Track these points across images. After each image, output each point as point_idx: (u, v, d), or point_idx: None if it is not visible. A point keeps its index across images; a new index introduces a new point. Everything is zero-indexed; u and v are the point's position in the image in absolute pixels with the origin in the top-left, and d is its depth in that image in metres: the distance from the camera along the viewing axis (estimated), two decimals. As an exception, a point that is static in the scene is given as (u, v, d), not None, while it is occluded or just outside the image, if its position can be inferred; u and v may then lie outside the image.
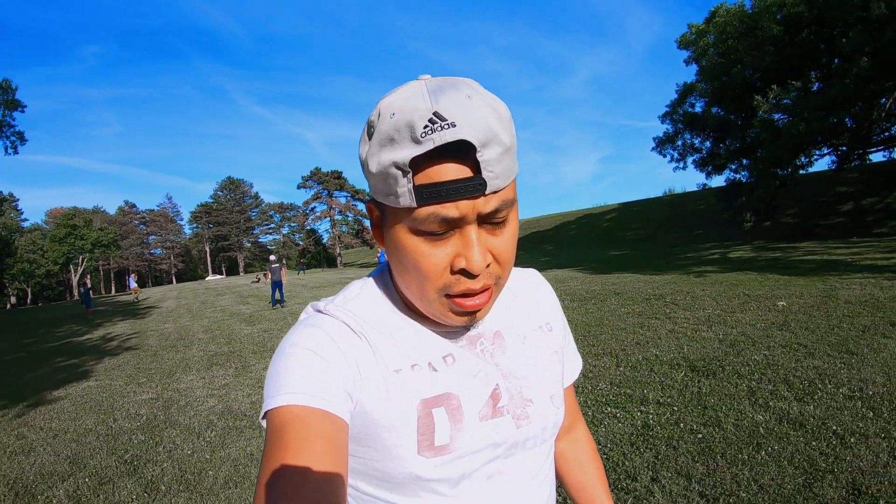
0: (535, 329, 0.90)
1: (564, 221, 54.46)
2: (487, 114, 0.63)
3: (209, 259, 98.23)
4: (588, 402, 5.09)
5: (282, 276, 18.09)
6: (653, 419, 4.50)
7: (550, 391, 0.86)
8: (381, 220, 0.75)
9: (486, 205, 0.65)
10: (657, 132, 31.92)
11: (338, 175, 70.86)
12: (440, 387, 0.75)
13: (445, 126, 0.61)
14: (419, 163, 0.63)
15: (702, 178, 30.12)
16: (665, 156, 30.82)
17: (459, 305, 0.70)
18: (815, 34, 21.45)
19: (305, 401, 0.65)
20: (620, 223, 45.97)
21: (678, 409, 4.64)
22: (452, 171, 0.63)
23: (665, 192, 55.46)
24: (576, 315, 9.85)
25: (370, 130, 0.69)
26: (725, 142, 27.19)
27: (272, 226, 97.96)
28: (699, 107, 28.50)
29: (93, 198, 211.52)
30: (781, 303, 8.93)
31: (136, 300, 28.92)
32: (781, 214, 30.15)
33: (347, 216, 72.88)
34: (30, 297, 76.96)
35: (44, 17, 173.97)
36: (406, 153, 0.62)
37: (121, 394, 7.52)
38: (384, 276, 0.85)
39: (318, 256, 77.63)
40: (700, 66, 26.83)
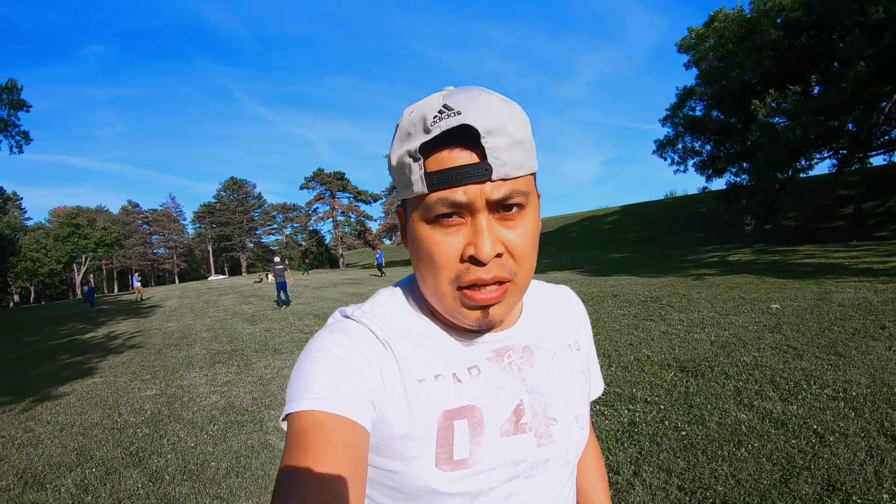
0: (564, 347, 0.90)
1: (566, 223, 54.47)
2: (497, 107, 0.67)
3: (212, 259, 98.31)
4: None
5: (286, 277, 18.21)
6: (639, 417, 4.64)
7: (576, 411, 0.85)
8: (405, 221, 0.78)
9: (495, 191, 0.66)
10: (659, 135, 32.08)
11: (340, 176, 70.86)
12: (463, 398, 0.75)
13: (451, 114, 0.65)
14: (429, 151, 0.67)
15: (703, 181, 30.10)
16: (666, 159, 30.86)
17: (470, 298, 0.70)
18: (815, 39, 21.52)
19: (328, 407, 0.66)
20: (622, 225, 46.01)
21: (665, 408, 4.78)
22: (461, 158, 0.66)
23: (667, 195, 55.44)
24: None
25: (395, 132, 0.74)
26: (725, 145, 27.18)
27: (275, 226, 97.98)
28: (699, 110, 28.56)
29: (96, 197, 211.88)
30: (775, 305, 9.03)
31: (140, 300, 29.06)
32: (782, 217, 30.14)
33: (350, 217, 72.89)
34: (33, 296, 77.13)
35: (47, 18, 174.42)
36: (417, 142, 0.67)
37: (125, 390, 7.67)
38: (413, 286, 0.86)
39: (321, 257, 77.72)
40: (700, 70, 26.88)
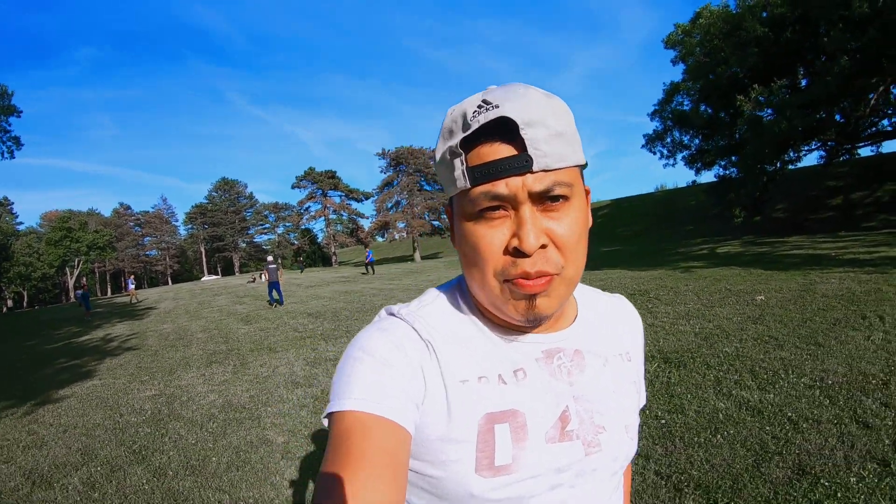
0: (617, 355, 0.88)
1: (558, 218, 54.65)
2: (536, 100, 0.67)
3: (204, 260, 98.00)
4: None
5: (278, 277, 18.29)
6: (622, 406, 4.82)
7: (626, 420, 0.83)
8: (452, 219, 0.78)
9: (537, 183, 0.66)
10: (649, 129, 32.20)
11: (332, 175, 70.87)
12: (507, 402, 0.74)
13: (490, 108, 0.66)
14: (470, 146, 0.68)
15: (692, 175, 30.32)
16: (655, 153, 31.12)
17: (518, 286, 0.69)
18: (800, 33, 21.70)
19: (371, 408, 0.66)
20: (612, 219, 46.20)
21: (647, 397, 4.94)
22: (501, 151, 0.66)
23: (657, 188, 55.79)
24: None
25: (439, 132, 0.75)
26: (713, 139, 27.43)
27: (267, 226, 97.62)
28: (687, 105, 28.79)
29: (87, 200, 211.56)
30: (760, 297, 9.16)
31: (133, 302, 29.08)
32: (772, 209, 30.40)
33: (342, 215, 72.96)
34: (26, 300, 76.84)
35: (37, 20, 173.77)
36: (458, 138, 0.69)
37: (125, 391, 7.79)
38: (461, 286, 0.85)
39: (313, 255, 77.81)
40: (687, 66, 27.11)
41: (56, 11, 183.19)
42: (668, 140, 30.21)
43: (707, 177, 31.48)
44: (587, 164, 0.77)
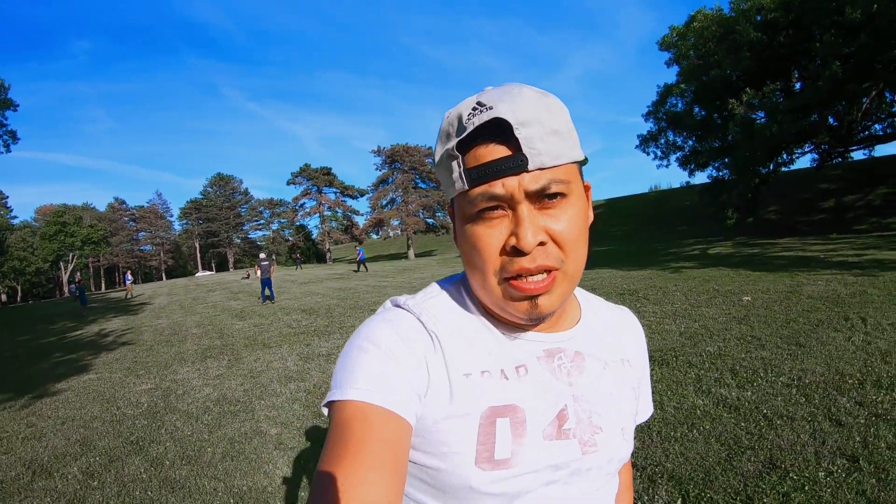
0: (618, 361, 0.89)
1: (552, 217, 54.68)
2: (531, 99, 0.68)
3: (199, 255, 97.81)
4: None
5: (271, 273, 18.42)
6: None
7: (622, 424, 0.84)
8: (454, 220, 0.79)
9: (534, 182, 0.67)
10: (644, 129, 32.32)
11: (327, 171, 70.83)
12: (509, 397, 0.74)
13: (484, 110, 0.67)
14: (467, 148, 0.69)
15: (686, 176, 30.45)
16: (649, 154, 31.24)
17: (517, 288, 0.70)
18: (793, 38, 21.85)
19: (373, 398, 0.66)
20: (606, 219, 46.21)
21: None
22: (497, 152, 0.67)
23: (651, 189, 55.96)
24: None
25: (438, 136, 0.76)
26: (707, 140, 27.56)
27: (262, 222, 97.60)
28: (681, 106, 28.88)
29: (82, 194, 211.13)
30: (746, 298, 9.30)
31: (128, 297, 29.16)
32: (764, 211, 30.50)
33: (337, 212, 72.94)
34: (20, 295, 76.67)
35: (34, 13, 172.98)
36: (454, 140, 0.70)
37: (121, 385, 7.91)
38: (465, 282, 0.85)
39: (308, 252, 77.79)
40: (681, 68, 27.21)
41: (52, 3, 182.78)
42: (662, 141, 30.36)
43: (700, 178, 31.59)
44: (587, 160, 0.78)
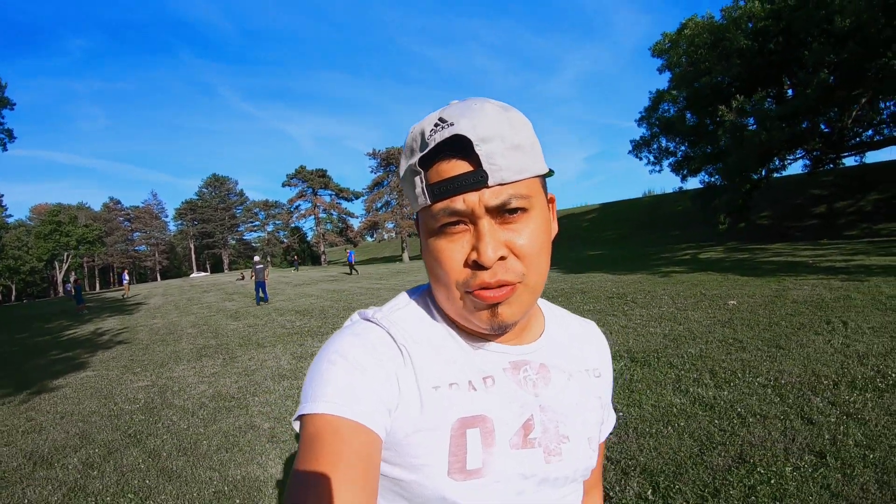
0: (582, 371, 0.89)
1: (547, 221, 54.76)
2: (492, 115, 0.68)
3: (194, 256, 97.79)
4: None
5: (265, 276, 18.58)
6: (584, 400, 5.14)
7: (589, 433, 0.85)
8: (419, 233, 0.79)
9: (494, 197, 0.67)
10: (637, 134, 32.50)
11: (322, 173, 70.96)
12: (477, 407, 0.75)
13: (445, 126, 0.67)
14: (429, 163, 0.69)
15: (679, 181, 30.62)
16: (642, 159, 31.36)
17: (479, 297, 0.70)
18: (784, 46, 22.08)
19: (343, 412, 0.66)
20: (599, 223, 46.40)
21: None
22: (458, 168, 0.67)
23: (645, 193, 56.15)
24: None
25: (402, 151, 0.77)
26: (699, 145, 27.67)
27: (257, 223, 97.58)
28: (672, 112, 29.02)
29: (77, 193, 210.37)
30: (732, 302, 9.44)
31: (124, 297, 29.29)
32: (757, 216, 30.68)
33: (332, 214, 73.09)
34: (14, 294, 76.56)
35: (30, 10, 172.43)
36: (417, 156, 0.70)
37: (118, 382, 8.07)
38: (431, 293, 0.85)
39: (303, 254, 77.87)
40: (673, 74, 27.47)
41: (49, 1, 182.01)
42: (655, 147, 30.53)
43: (693, 183, 31.75)
44: (552, 173, 0.78)
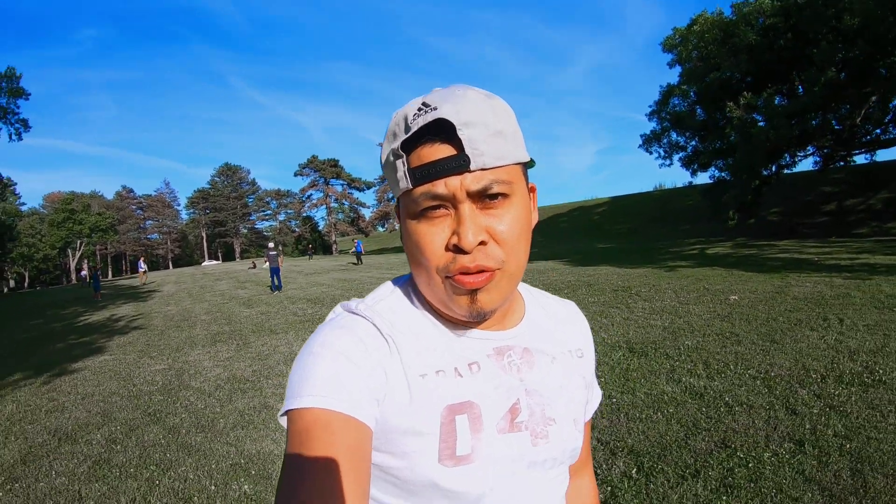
0: (565, 352, 0.90)
1: (556, 213, 54.89)
2: (475, 101, 0.68)
3: (205, 244, 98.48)
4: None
5: (279, 263, 18.76)
6: (581, 387, 5.39)
7: (574, 414, 0.85)
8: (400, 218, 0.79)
9: (475, 182, 0.67)
10: (648, 128, 32.41)
11: (334, 163, 71.30)
12: (464, 393, 0.75)
13: (429, 110, 0.67)
14: (411, 148, 0.69)
15: (689, 176, 30.64)
16: (652, 153, 31.52)
17: (459, 282, 0.70)
18: (793, 42, 22.08)
19: (332, 404, 0.65)
20: (610, 217, 46.43)
21: (605, 381, 5.52)
22: (440, 151, 0.67)
23: (656, 187, 56.09)
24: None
25: (385, 136, 0.76)
26: (709, 140, 27.69)
27: (269, 212, 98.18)
28: (681, 107, 29.03)
29: (89, 181, 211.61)
30: (734, 297, 9.60)
31: (143, 283, 29.70)
32: (767, 212, 30.55)
33: (343, 204, 73.45)
34: (27, 281, 77.39)
35: (42, 1, 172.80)
36: (399, 140, 0.70)
37: (136, 365, 8.40)
38: (413, 281, 0.84)
39: (314, 243, 78.39)
40: (683, 69, 27.45)
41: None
42: (665, 141, 30.56)
43: (703, 178, 31.70)
44: (533, 162, 0.79)
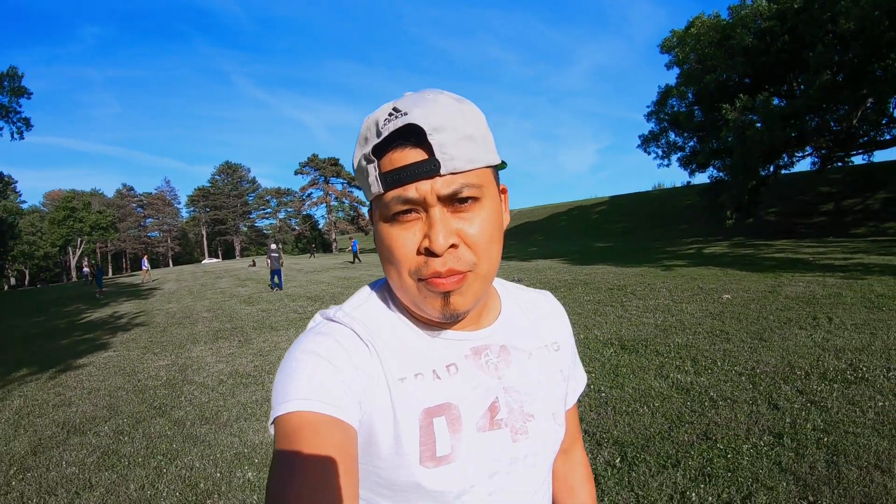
0: (542, 347, 0.91)
1: (556, 212, 55.08)
2: (446, 105, 0.69)
3: (206, 242, 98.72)
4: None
5: (280, 263, 18.96)
6: (572, 381, 5.56)
7: (553, 409, 0.86)
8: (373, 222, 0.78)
9: (446, 186, 0.67)
10: (646, 129, 32.53)
11: (335, 162, 71.36)
12: (442, 396, 0.76)
13: (399, 115, 0.68)
14: (382, 152, 0.69)
15: (687, 175, 30.76)
16: (650, 153, 31.62)
17: (432, 284, 0.70)
18: (790, 45, 22.24)
19: (317, 407, 0.66)
20: (608, 216, 46.51)
21: (595, 376, 5.68)
22: (411, 156, 0.67)
23: (655, 187, 56.19)
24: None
25: (356, 141, 0.76)
26: (707, 141, 27.76)
27: (269, 210, 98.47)
28: (679, 108, 29.20)
29: (90, 179, 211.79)
30: (726, 296, 9.77)
31: (146, 281, 29.87)
32: (764, 212, 30.63)
33: (343, 202, 73.54)
34: (27, 279, 77.53)
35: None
36: (371, 145, 0.70)
37: (139, 361, 8.57)
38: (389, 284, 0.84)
39: (314, 242, 78.50)
40: (681, 70, 27.59)
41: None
42: (663, 141, 30.70)
43: (701, 178, 31.83)
44: (504, 164, 0.80)
